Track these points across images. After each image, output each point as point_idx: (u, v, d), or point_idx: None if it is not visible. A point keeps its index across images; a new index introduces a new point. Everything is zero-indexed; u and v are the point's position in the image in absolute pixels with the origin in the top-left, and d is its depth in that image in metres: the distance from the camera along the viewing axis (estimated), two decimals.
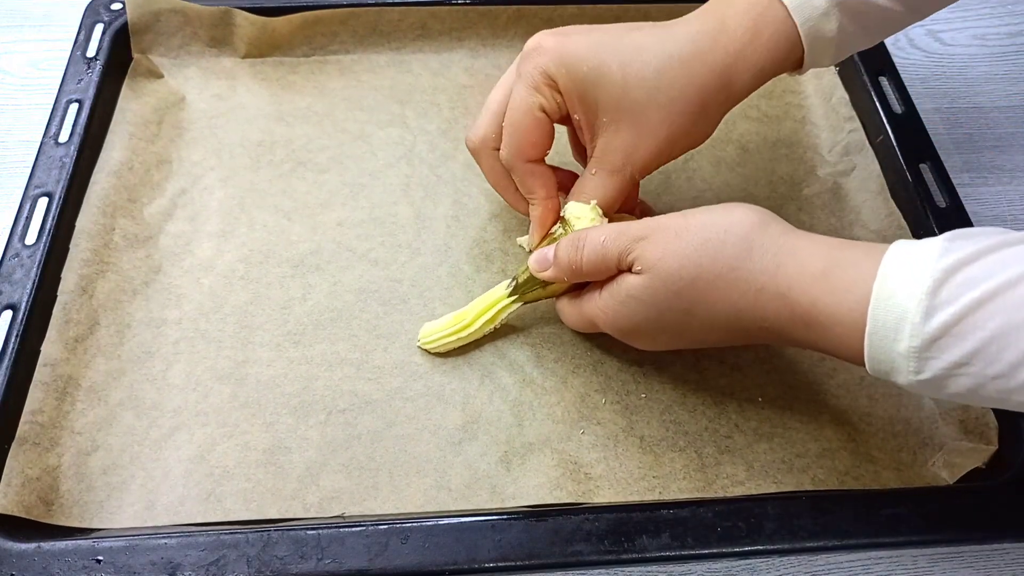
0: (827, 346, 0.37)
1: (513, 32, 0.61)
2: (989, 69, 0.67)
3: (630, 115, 0.41)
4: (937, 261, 0.32)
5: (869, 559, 0.45)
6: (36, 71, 0.63)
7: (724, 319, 0.39)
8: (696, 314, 0.39)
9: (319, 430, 0.43)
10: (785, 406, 0.45)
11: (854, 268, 0.35)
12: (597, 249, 0.40)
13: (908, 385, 0.34)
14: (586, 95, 0.42)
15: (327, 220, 0.52)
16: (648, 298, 0.39)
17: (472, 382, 0.46)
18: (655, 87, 0.41)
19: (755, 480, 0.42)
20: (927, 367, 0.33)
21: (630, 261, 0.39)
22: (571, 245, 0.42)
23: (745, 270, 0.37)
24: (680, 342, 0.43)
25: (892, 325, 0.33)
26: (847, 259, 0.36)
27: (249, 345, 0.46)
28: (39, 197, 0.48)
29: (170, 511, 0.40)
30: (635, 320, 0.41)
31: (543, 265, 0.43)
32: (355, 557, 0.37)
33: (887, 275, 0.34)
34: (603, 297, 0.41)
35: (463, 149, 0.56)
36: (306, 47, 0.60)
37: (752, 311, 0.38)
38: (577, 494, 0.41)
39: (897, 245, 0.34)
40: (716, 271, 0.38)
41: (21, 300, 0.44)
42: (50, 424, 0.42)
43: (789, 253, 0.37)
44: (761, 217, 0.38)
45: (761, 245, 0.37)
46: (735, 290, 0.38)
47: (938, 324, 0.32)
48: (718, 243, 0.38)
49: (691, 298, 0.38)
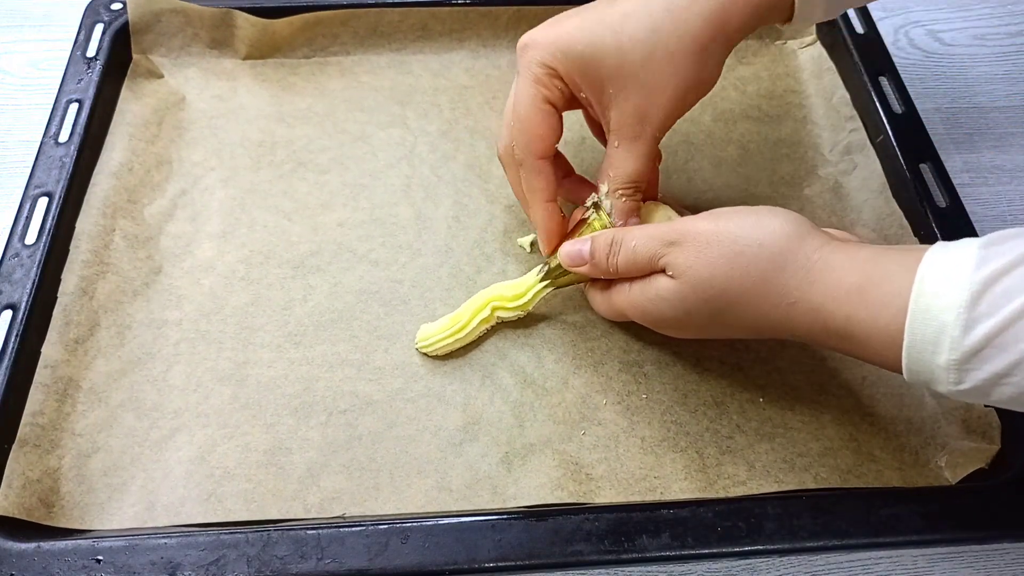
0: (863, 356, 0.37)
1: (514, 33, 0.61)
2: (989, 69, 0.67)
3: (634, 79, 0.41)
4: (974, 273, 0.32)
5: (869, 559, 0.44)
6: (36, 71, 0.63)
7: (753, 326, 0.39)
8: (725, 319, 0.40)
9: (320, 431, 0.43)
10: (787, 406, 0.45)
11: (889, 282, 0.35)
12: (629, 253, 0.41)
13: (949, 394, 0.34)
14: (588, 72, 0.42)
15: (328, 221, 0.52)
16: (678, 302, 0.40)
17: (473, 383, 0.46)
18: (652, 44, 0.41)
19: (756, 480, 0.42)
20: (967, 378, 0.33)
21: (661, 265, 0.40)
22: (606, 247, 0.42)
23: (778, 283, 0.37)
24: (709, 336, 0.43)
25: (931, 339, 0.33)
26: (882, 272, 0.35)
27: (250, 346, 0.46)
28: (39, 197, 0.48)
29: (171, 512, 0.40)
30: (663, 317, 0.42)
31: (579, 261, 0.44)
32: (355, 557, 0.37)
33: (923, 289, 0.33)
34: (633, 292, 0.42)
35: (464, 150, 0.56)
36: (307, 48, 0.60)
37: (784, 322, 0.38)
38: (578, 495, 0.41)
39: (931, 255, 0.34)
40: (748, 283, 0.38)
41: (21, 300, 0.44)
42: (50, 426, 0.42)
43: (823, 269, 0.37)
44: (797, 229, 0.38)
45: (795, 260, 0.37)
46: (766, 302, 0.38)
47: (978, 337, 0.32)
48: (751, 256, 0.38)
49: (720, 307, 0.39)
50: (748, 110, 0.59)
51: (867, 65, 0.57)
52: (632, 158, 0.43)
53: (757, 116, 0.59)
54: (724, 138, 0.58)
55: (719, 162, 0.56)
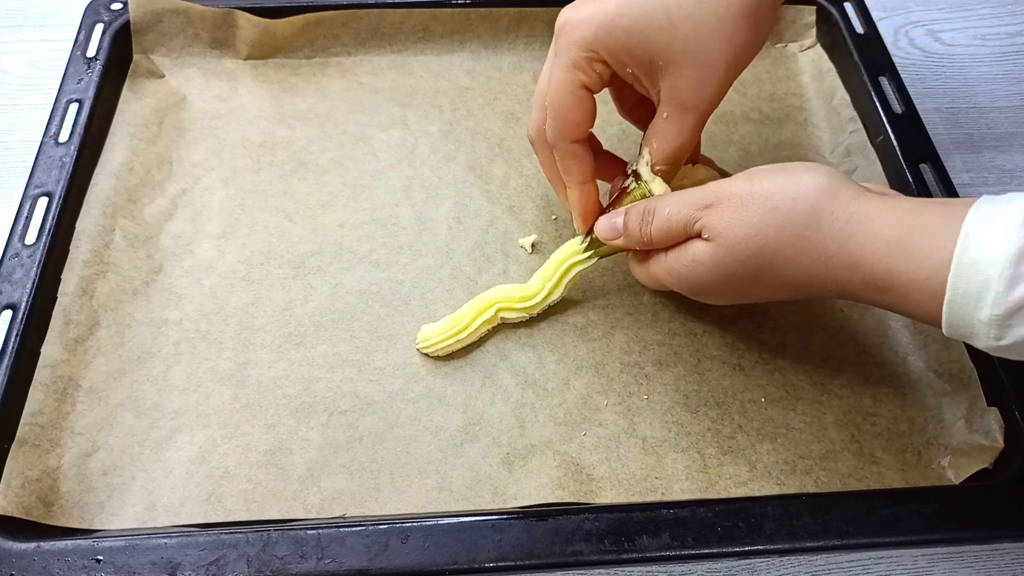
0: (901, 309, 0.37)
1: (515, 34, 0.61)
2: (989, 69, 0.67)
3: (685, 51, 0.40)
4: (1022, 228, 0.32)
5: (869, 559, 0.44)
6: (36, 71, 0.63)
7: (792, 283, 0.39)
8: (763, 279, 0.39)
9: (320, 431, 0.43)
10: (788, 406, 0.45)
11: (932, 234, 0.34)
12: (663, 221, 0.41)
13: (987, 349, 0.34)
14: (634, 48, 0.41)
15: (328, 221, 0.52)
16: (714, 265, 0.39)
17: (474, 384, 0.46)
18: (701, 15, 0.40)
19: (758, 481, 0.42)
20: (1009, 334, 0.32)
21: (697, 229, 0.40)
22: (639, 217, 0.42)
23: (815, 239, 0.37)
24: (745, 299, 0.44)
25: (974, 293, 0.32)
26: (924, 224, 0.35)
27: (250, 346, 0.46)
28: (39, 197, 0.48)
29: (170, 512, 0.40)
30: (701, 282, 0.41)
31: (613, 234, 0.44)
32: (355, 557, 0.37)
33: (968, 243, 0.33)
34: (669, 259, 0.42)
35: (465, 151, 0.56)
36: (308, 49, 0.60)
37: (823, 277, 0.38)
38: (579, 495, 0.41)
39: (977, 208, 0.34)
40: (784, 240, 0.37)
41: (21, 300, 0.44)
42: (50, 425, 0.42)
43: (861, 220, 0.36)
44: (830, 181, 0.37)
45: (831, 213, 0.37)
46: (804, 257, 0.37)
47: (1022, 293, 0.31)
48: (785, 211, 0.37)
49: (757, 265, 0.38)
50: (749, 112, 0.59)
51: (867, 65, 0.57)
52: (679, 130, 0.42)
53: (758, 119, 0.59)
54: (725, 140, 0.58)
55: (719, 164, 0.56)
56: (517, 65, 0.61)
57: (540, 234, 0.52)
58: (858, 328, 0.48)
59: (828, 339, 0.48)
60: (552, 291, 0.47)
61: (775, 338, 0.48)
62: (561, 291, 0.47)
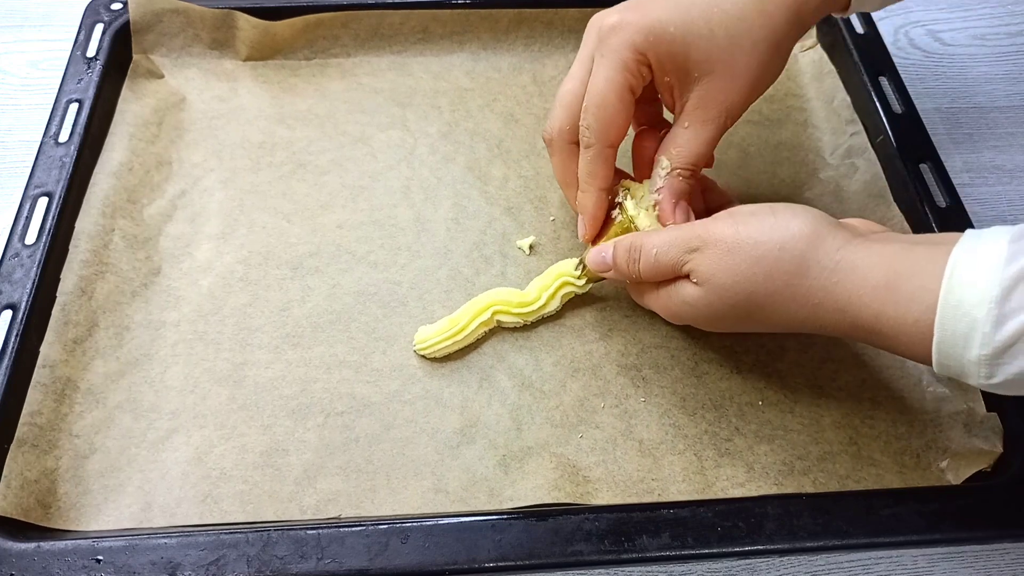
0: (891, 350, 0.37)
1: (514, 36, 0.61)
2: (989, 69, 0.67)
3: (720, 63, 0.42)
4: (1005, 268, 0.32)
5: (869, 559, 0.44)
6: (36, 71, 0.63)
7: (783, 324, 0.40)
8: (754, 319, 0.40)
9: (317, 432, 0.43)
10: (786, 409, 0.45)
11: (918, 276, 0.34)
12: (650, 259, 0.41)
13: (980, 387, 0.34)
14: (677, 55, 0.42)
15: (327, 222, 0.52)
16: (704, 307, 0.40)
17: (471, 386, 0.46)
18: (738, 32, 0.41)
19: (755, 482, 0.42)
20: (999, 372, 0.33)
21: (685, 271, 0.40)
22: (626, 253, 0.43)
23: (803, 286, 0.38)
24: (743, 330, 0.44)
25: (962, 334, 0.33)
26: (910, 267, 0.35)
27: (248, 347, 0.46)
28: (39, 197, 0.48)
29: (167, 513, 0.40)
30: (695, 319, 0.42)
31: (602, 267, 0.45)
32: (355, 557, 0.37)
33: (952, 285, 0.33)
34: (661, 297, 0.43)
35: (464, 152, 0.56)
36: (307, 50, 0.60)
37: (812, 320, 0.38)
38: (576, 496, 0.41)
39: (959, 248, 0.34)
40: (772, 287, 0.38)
41: (21, 300, 0.44)
42: (48, 426, 0.42)
43: (846, 269, 0.37)
44: (815, 228, 0.38)
45: (817, 262, 0.37)
46: (793, 303, 0.38)
47: (1009, 332, 0.32)
48: (773, 260, 0.38)
49: (747, 309, 0.39)
50: (749, 113, 0.58)
51: (867, 65, 0.57)
52: (700, 140, 0.43)
53: (758, 120, 0.59)
54: (725, 141, 0.57)
55: (719, 165, 0.56)
56: (516, 66, 0.61)
57: (538, 235, 0.52)
58: None
59: (826, 342, 0.48)
60: (548, 302, 0.47)
61: (773, 341, 0.48)
62: (556, 304, 0.47)
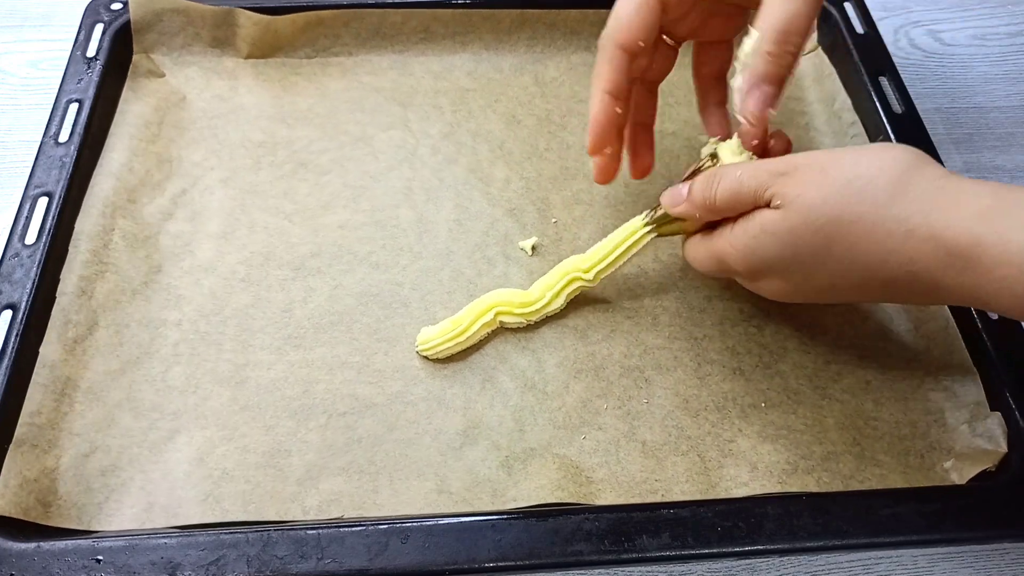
0: (983, 291, 0.34)
1: (516, 36, 0.61)
2: (989, 69, 0.67)
3: None
4: None
5: (869, 559, 0.44)
6: (36, 71, 0.63)
7: (864, 261, 0.36)
8: (834, 253, 0.37)
9: (319, 433, 0.43)
10: (789, 410, 0.45)
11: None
12: (733, 184, 0.39)
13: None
14: None
15: (328, 222, 0.52)
16: (784, 233, 0.37)
17: (473, 387, 0.45)
18: None
19: (759, 481, 0.42)
20: None
21: (768, 196, 0.38)
22: (707, 180, 0.40)
23: (897, 208, 0.35)
24: (810, 287, 0.40)
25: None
26: (1017, 196, 0.33)
27: (249, 348, 0.46)
28: (39, 197, 0.48)
29: (168, 513, 0.40)
30: (767, 257, 0.39)
31: (676, 200, 0.42)
32: (355, 557, 0.37)
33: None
34: (735, 231, 0.40)
35: (465, 153, 0.56)
36: (309, 48, 0.60)
37: (898, 253, 0.35)
38: (578, 497, 0.41)
39: None
40: (863, 209, 0.35)
41: (21, 300, 0.44)
42: (48, 425, 0.42)
43: (949, 191, 0.34)
44: (918, 158, 0.36)
45: (917, 184, 0.35)
46: (882, 229, 0.35)
47: None
48: (868, 180, 0.35)
49: (831, 235, 0.36)
50: None
51: (867, 65, 0.57)
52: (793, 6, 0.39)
53: None
54: None
55: None
56: (518, 67, 0.61)
57: (540, 237, 0.52)
58: (859, 332, 0.48)
59: (829, 343, 0.48)
60: (552, 301, 0.47)
61: (776, 342, 0.48)
62: (561, 302, 0.47)
